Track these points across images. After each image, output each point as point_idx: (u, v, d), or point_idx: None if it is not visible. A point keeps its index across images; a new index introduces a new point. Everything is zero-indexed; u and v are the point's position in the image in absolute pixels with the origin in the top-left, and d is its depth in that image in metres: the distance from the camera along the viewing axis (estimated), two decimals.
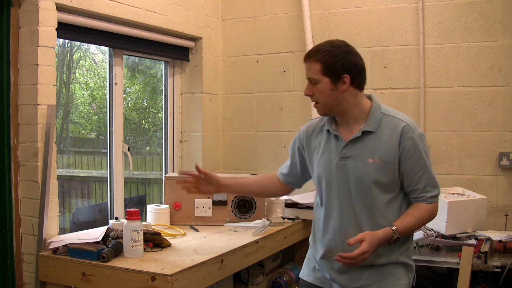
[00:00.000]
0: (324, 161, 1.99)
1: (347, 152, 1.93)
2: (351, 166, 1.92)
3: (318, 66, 1.89)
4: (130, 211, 2.24)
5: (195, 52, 3.65)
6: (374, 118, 1.93)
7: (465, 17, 3.18)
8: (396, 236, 1.85)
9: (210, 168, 3.71)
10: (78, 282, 2.21)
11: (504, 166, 3.09)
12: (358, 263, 1.81)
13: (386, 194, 1.91)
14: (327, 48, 1.90)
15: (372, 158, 1.89)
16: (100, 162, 3.45)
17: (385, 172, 1.88)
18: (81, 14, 2.72)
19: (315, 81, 1.92)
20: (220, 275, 2.36)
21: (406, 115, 1.98)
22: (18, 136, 2.45)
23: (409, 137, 1.88)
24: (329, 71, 1.88)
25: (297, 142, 2.15)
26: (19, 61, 2.44)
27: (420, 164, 1.89)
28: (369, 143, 1.91)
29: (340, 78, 1.89)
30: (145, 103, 3.90)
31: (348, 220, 1.93)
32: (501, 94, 3.11)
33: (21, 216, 2.45)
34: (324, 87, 1.90)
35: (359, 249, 1.79)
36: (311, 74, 1.92)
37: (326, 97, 1.92)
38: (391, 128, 1.91)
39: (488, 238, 2.68)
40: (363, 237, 1.81)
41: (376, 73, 3.42)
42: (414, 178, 1.89)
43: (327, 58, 1.88)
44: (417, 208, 1.91)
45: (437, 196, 1.93)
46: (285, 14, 3.68)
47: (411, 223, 1.88)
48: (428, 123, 3.29)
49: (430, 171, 1.92)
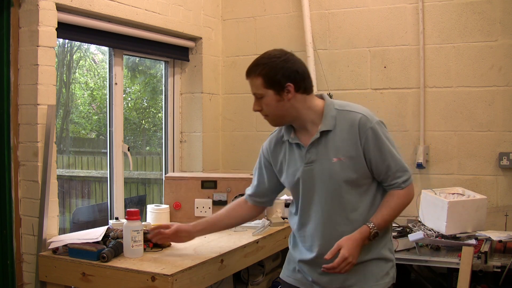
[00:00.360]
0: (291, 171, 1.97)
1: (310, 156, 1.91)
2: (318, 169, 1.90)
3: (260, 80, 1.88)
4: (130, 211, 2.24)
5: (195, 52, 3.65)
6: (329, 116, 1.90)
7: (465, 17, 3.18)
8: (374, 232, 1.84)
9: (210, 168, 3.71)
10: (78, 282, 2.21)
11: (504, 166, 3.09)
12: (345, 270, 1.81)
13: (357, 189, 1.89)
14: (264, 60, 1.89)
15: (336, 156, 1.87)
16: (100, 162, 3.45)
17: (353, 168, 1.86)
18: (81, 14, 2.72)
19: (260, 96, 1.90)
20: (220, 275, 2.36)
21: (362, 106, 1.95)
22: (18, 136, 2.45)
23: (368, 127, 1.86)
24: (271, 83, 1.86)
25: (262, 159, 2.12)
26: (19, 61, 2.44)
27: (385, 152, 1.86)
28: (329, 143, 1.89)
29: (283, 88, 1.87)
30: (145, 103, 3.90)
31: (323, 225, 1.91)
32: (501, 94, 3.11)
33: (21, 216, 2.45)
34: (270, 100, 1.89)
35: (339, 257, 1.79)
36: (254, 89, 1.90)
37: (274, 109, 1.90)
38: (348, 123, 1.88)
39: (488, 238, 2.67)
40: (340, 245, 1.81)
41: (376, 73, 3.42)
42: (382, 167, 1.87)
43: (267, 71, 1.87)
44: (391, 197, 1.90)
45: (409, 179, 1.90)
46: (285, 14, 3.68)
47: (387, 215, 1.87)
48: (428, 123, 3.29)
49: (396, 157, 1.89)
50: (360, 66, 3.46)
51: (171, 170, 3.65)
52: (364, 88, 3.45)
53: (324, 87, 3.51)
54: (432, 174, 3.28)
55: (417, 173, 3.30)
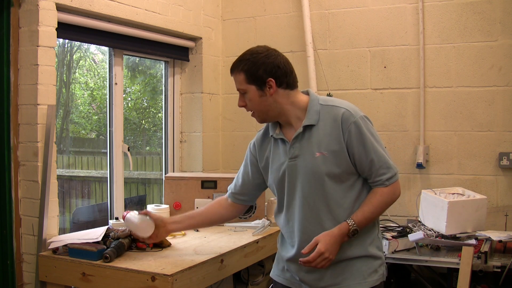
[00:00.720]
0: (276, 166, 1.98)
1: (294, 151, 1.92)
2: (301, 164, 1.90)
3: (242, 76, 1.93)
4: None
5: (195, 52, 3.65)
6: (313, 111, 1.91)
7: (465, 17, 3.18)
8: (353, 229, 1.83)
9: (210, 168, 3.71)
10: (78, 282, 2.21)
11: (504, 166, 3.09)
12: (322, 265, 1.81)
13: (341, 185, 1.88)
14: (247, 56, 1.94)
15: (319, 151, 1.87)
16: (100, 162, 3.45)
17: (335, 163, 1.86)
18: (81, 14, 2.72)
19: (243, 91, 1.94)
20: (220, 275, 2.36)
21: (347, 101, 1.95)
22: (18, 136, 2.45)
23: (350, 122, 1.85)
24: (253, 79, 1.91)
25: (249, 156, 2.13)
26: (19, 61, 2.44)
27: (368, 147, 1.85)
28: (313, 137, 1.89)
29: (265, 83, 1.90)
30: (145, 103, 3.90)
31: (307, 220, 1.90)
32: (501, 94, 3.11)
33: (21, 216, 2.45)
34: (253, 95, 1.92)
35: (315, 252, 1.79)
36: (238, 85, 1.95)
37: (258, 105, 1.93)
38: (332, 118, 1.88)
39: (488, 238, 2.67)
40: (317, 240, 1.81)
41: (376, 73, 3.42)
42: (365, 162, 1.86)
43: (248, 67, 1.91)
44: (373, 194, 1.89)
45: (393, 177, 1.89)
46: (285, 14, 3.68)
47: (368, 212, 1.86)
48: (428, 123, 3.28)
49: (381, 152, 1.87)
50: (360, 66, 3.46)
51: (171, 170, 3.65)
52: (364, 88, 3.45)
53: (324, 87, 3.52)
54: (432, 174, 3.28)
55: (417, 173, 3.30)
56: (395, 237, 2.74)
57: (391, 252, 2.67)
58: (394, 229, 2.87)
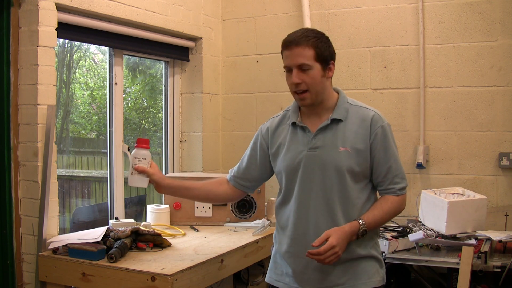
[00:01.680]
0: (292, 154, 1.93)
1: (316, 142, 1.89)
2: (322, 155, 1.87)
3: (311, 51, 1.85)
4: (139, 139, 2.12)
5: (195, 52, 3.65)
6: (342, 108, 1.92)
7: (465, 17, 3.18)
8: (363, 229, 1.82)
9: (210, 168, 3.71)
10: (78, 282, 2.21)
11: (504, 166, 3.09)
12: (330, 260, 1.76)
13: (357, 184, 1.88)
14: (314, 34, 1.88)
15: (343, 146, 1.86)
16: (100, 162, 3.45)
17: (357, 161, 1.86)
18: (81, 14, 2.72)
19: (307, 67, 1.84)
20: (220, 275, 2.36)
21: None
22: (18, 136, 2.45)
23: (379, 125, 1.88)
24: (321, 57, 1.86)
25: (259, 141, 2.07)
26: (19, 61, 2.44)
27: (390, 153, 1.88)
28: (338, 132, 1.88)
29: (328, 64, 1.89)
30: (145, 103, 3.90)
31: (321, 213, 1.87)
32: (501, 94, 3.11)
33: (21, 216, 2.45)
34: (317, 74, 1.86)
35: (327, 244, 1.75)
36: (303, 59, 1.84)
37: (318, 84, 1.87)
38: (360, 117, 1.90)
39: (488, 238, 2.67)
40: (328, 234, 1.78)
41: (376, 73, 3.42)
42: (383, 168, 1.87)
43: (318, 44, 1.86)
44: (385, 200, 1.89)
45: (405, 188, 1.91)
46: (285, 14, 3.68)
47: (378, 216, 1.86)
48: (428, 123, 3.28)
49: (399, 162, 1.90)
50: (360, 66, 3.46)
51: (171, 170, 3.65)
52: (364, 88, 3.45)
53: None
54: (432, 174, 3.28)
55: (417, 173, 3.30)
56: (395, 237, 2.74)
57: (391, 252, 2.67)
58: (394, 229, 2.87)
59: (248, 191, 2.16)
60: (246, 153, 2.12)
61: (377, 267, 1.94)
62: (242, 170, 2.11)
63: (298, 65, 1.86)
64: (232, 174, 2.15)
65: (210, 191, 2.14)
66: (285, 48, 1.90)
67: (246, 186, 2.13)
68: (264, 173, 2.09)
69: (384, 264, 1.99)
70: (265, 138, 2.05)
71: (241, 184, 2.12)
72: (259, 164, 2.07)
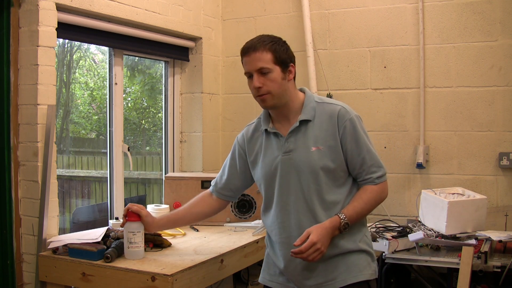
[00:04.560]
0: (268, 160, 1.97)
1: (289, 145, 1.93)
2: (296, 157, 1.91)
3: (269, 55, 1.89)
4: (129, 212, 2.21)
5: (195, 52, 3.65)
6: (309, 107, 1.94)
7: (465, 17, 3.17)
8: (344, 222, 1.84)
9: (210, 168, 3.71)
10: (78, 282, 2.21)
11: (504, 166, 3.09)
12: (313, 257, 1.79)
13: (335, 182, 1.90)
14: (270, 39, 1.94)
15: (315, 145, 1.89)
16: (100, 162, 3.45)
17: (330, 158, 1.88)
18: (81, 14, 2.72)
19: (267, 71, 1.88)
20: (220, 275, 2.36)
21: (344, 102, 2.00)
22: (18, 136, 2.45)
23: (346, 119, 1.90)
24: (280, 60, 1.90)
25: (237, 150, 2.12)
26: (19, 61, 2.44)
27: (361, 144, 1.90)
28: (309, 132, 1.91)
29: (287, 67, 1.92)
30: (145, 103, 3.90)
31: (302, 214, 1.90)
32: (501, 94, 3.11)
33: (21, 216, 2.45)
34: (277, 76, 1.89)
35: (307, 242, 1.78)
36: (262, 64, 1.88)
37: (279, 87, 1.90)
38: (328, 114, 1.92)
39: (488, 238, 2.67)
40: (309, 231, 1.81)
41: (376, 73, 3.42)
42: (357, 160, 1.90)
43: (276, 48, 1.90)
44: (364, 191, 1.91)
45: (383, 176, 1.93)
46: (285, 14, 3.68)
47: (359, 208, 1.88)
48: (428, 123, 3.28)
49: (373, 152, 1.92)
50: (360, 66, 3.46)
51: (171, 170, 3.65)
52: (364, 88, 3.45)
53: (324, 87, 3.52)
54: (432, 174, 3.28)
55: (417, 173, 3.30)
56: (395, 237, 2.74)
57: (391, 252, 2.67)
58: (394, 229, 2.87)
59: (231, 200, 2.25)
60: (226, 164, 2.17)
61: (369, 261, 1.95)
62: (224, 181, 2.17)
63: (257, 69, 1.90)
64: (214, 186, 2.20)
65: (198, 214, 2.22)
66: (244, 54, 1.94)
67: (230, 196, 2.20)
68: (246, 181, 2.14)
69: (375, 258, 2.00)
70: (242, 147, 2.11)
71: (225, 194, 2.18)
72: (240, 173, 2.12)
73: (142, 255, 2.23)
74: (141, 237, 2.22)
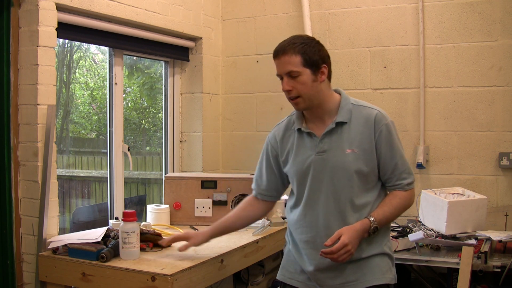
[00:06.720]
0: (300, 159, 1.96)
1: (323, 146, 1.92)
2: (330, 159, 1.91)
3: (298, 58, 1.88)
4: (124, 212, 2.22)
5: (195, 52, 3.65)
6: (346, 109, 1.93)
7: (465, 17, 3.18)
8: (374, 226, 1.85)
9: (210, 168, 3.72)
10: (78, 282, 2.21)
11: (504, 166, 3.09)
12: (343, 258, 1.80)
13: (367, 184, 1.91)
14: (301, 40, 1.91)
15: (350, 148, 1.89)
16: (100, 162, 3.45)
17: (364, 161, 1.89)
18: (81, 14, 2.72)
19: (296, 74, 1.88)
20: (220, 275, 2.36)
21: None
22: (18, 136, 2.45)
23: (383, 124, 1.90)
24: (310, 62, 1.88)
25: (270, 150, 2.10)
26: (19, 61, 2.44)
27: (395, 150, 1.91)
28: (344, 134, 1.91)
29: (319, 68, 1.90)
30: (145, 103, 3.90)
31: (331, 214, 1.90)
32: (501, 94, 3.11)
33: (21, 216, 2.45)
34: (307, 79, 1.89)
35: (339, 242, 1.78)
36: (290, 67, 1.88)
37: (309, 89, 1.89)
38: (364, 117, 1.92)
39: (488, 238, 2.67)
40: (340, 232, 1.81)
41: (376, 73, 3.42)
42: (390, 165, 1.91)
43: (306, 49, 1.89)
44: (393, 196, 1.93)
45: (412, 183, 1.94)
46: (285, 14, 3.68)
47: (388, 212, 1.89)
48: (428, 123, 3.28)
49: (405, 158, 1.94)
50: (360, 66, 3.46)
51: (171, 170, 3.65)
52: (364, 88, 3.45)
53: None
54: (432, 174, 3.28)
55: (417, 173, 3.29)
56: (395, 237, 2.74)
57: None
58: (394, 229, 2.87)
59: (276, 199, 2.22)
60: (261, 166, 2.15)
61: (390, 265, 1.97)
62: (265, 183, 2.14)
63: (286, 72, 1.90)
64: (256, 190, 2.18)
65: (247, 218, 2.20)
66: (274, 57, 1.94)
67: (274, 196, 2.18)
68: (285, 179, 2.12)
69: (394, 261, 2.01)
70: (274, 146, 2.09)
71: (269, 195, 2.17)
72: (278, 173, 2.11)
73: (137, 256, 2.22)
74: (136, 238, 2.22)
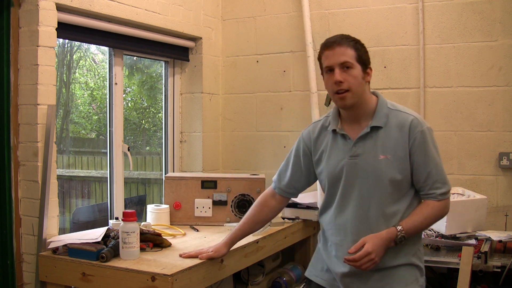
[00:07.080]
0: (333, 162, 1.93)
1: (357, 150, 1.89)
2: (363, 164, 1.87)
3: (353, 52, 1.88)
4: (124, 212, 2.22)
5: (195, 52, 3.65)
6: (382, 113, 1.90)
7: (465, 17, 3.18)
8: (401, 235, 1.82)
9: (210, 168, 3.71)
10: (78, 282, 2.21)
11: (504, 166, 3.09)
12: (366, 266, 1.78)
13: (399, 192, 1.87)
14: (352, 38, 1.92)
15: (383, 154, 1.85)
16: (100, 162, 3.45)
17: (397, 168, 1.85)
18: (81, 14, 2.72)
19: (350, 65, 1.85)
20: (220, 275, 2.36)
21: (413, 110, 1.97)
22: (18, 136, 2.45)
23: (418, 130, 1.86)
24: (361, 59, 1.88)
25: (302, 146, 2.07)
26: (19, 61, 2.44)
27: (429, 158, 1.86)
28: (378, 139, 1.87)
29: (367, 68, 1.90)
30: (145, 103, 3.90)
31: (360, 220, 1.88)
32: (501, 94, 3.11)
33: (21, 216, 2.45)
34: (358, 74, 1.87)
35: (362, 251, 1.77)
36: (346, 58, 1.86)
37: (359, 85, 1.87)
38: (399, 123, 1.88)
39: (488, 238, 2.67)
40: (365, 240, 1.79)
41: (376, 73, 3.41)
42: (423, 174, 1.86)
43: (358, 47, 1.90)
44: (425, 205, 1.88)
45: (447, 193, 1.90)
46: (285, 14, 3.68)
47: (417, 222, 1.85)
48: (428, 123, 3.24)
49: (440, 167, 1.89)
50: None
51: (171, 170, 3.65)
52: None
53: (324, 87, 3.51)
54: None
55: None
56: None
57: None
58: None
59: (294, 196, 2.20)
60: (289, 161, 2.12)
61: (417, 276, 1.93)
62: (288, 178, 2.11)
63: (341, 63, 1.87)
64: (277, 183, 2.15)
65: (263, 221, 2.19)
66: (327, 48, 1.91)
67: (293, 193, 2.16)
68: (309, 179, 2.10)
69: (424, 271, 1.98)
70: (307, 144, 2.06)
71: (288, 192, 2.14)
72: (304, 171, 2.08)
73: (137, 256, 2.22)
74: (136, 238, 2.22)
